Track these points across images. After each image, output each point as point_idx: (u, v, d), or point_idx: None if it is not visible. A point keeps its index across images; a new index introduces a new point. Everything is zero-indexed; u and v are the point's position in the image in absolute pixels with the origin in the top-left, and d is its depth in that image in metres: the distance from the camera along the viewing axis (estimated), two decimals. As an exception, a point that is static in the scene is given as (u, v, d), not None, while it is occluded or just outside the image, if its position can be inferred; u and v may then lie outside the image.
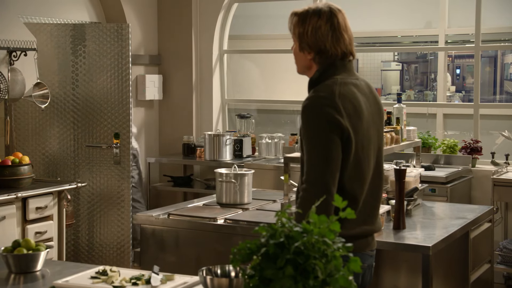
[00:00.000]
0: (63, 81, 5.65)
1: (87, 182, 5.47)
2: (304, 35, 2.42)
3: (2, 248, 2.54)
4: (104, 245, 5.60)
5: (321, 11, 2.42)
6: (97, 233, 5.67)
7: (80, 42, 5.63)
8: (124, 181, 5.57)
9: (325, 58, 2.42)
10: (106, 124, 5.62)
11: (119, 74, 5.57)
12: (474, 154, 5.52)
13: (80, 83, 5.64)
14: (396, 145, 3.82)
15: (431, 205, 3.98)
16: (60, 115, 5.65)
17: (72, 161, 5.72)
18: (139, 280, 2.26)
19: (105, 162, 5.64)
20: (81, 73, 5.65)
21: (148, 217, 3.61)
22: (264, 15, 7.44)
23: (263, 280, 1.58)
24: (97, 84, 5.62)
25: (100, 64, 5.61)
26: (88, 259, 5.67)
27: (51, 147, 5.68)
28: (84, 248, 5.71)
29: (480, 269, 3.75)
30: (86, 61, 5.64)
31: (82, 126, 5.68)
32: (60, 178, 5.56)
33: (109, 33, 5.56)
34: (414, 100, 8.14)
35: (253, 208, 3.75)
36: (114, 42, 5.55)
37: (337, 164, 2.31)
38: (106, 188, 5.65)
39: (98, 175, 5.68)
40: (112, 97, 5.59)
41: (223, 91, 6.69)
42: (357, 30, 7.71)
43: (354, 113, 2.36)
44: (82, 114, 5.65)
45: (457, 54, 8.63)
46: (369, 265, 2.51)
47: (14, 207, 4.40)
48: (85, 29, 5.63)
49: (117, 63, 5.56)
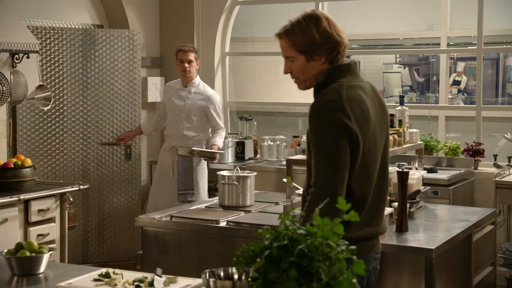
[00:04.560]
0: (72, 84, 5.78)
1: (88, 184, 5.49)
2: (311, 41, 2.38)
3: (5, 250, 2.54)
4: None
5: (304, 16, 2.41)
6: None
7: (92, 46, 5.82)
8: (133, 179, 5.99)
9: (336, 54, 2.40)
10: (116, 125, 5.95)
11: (130, 76, 5.96)
12: (477, 156, 5.51)
13: (90, 85, 5.86)
14: (398, 148, 3.81)
15: (433, 207, 3.97)
16: (69, 117, 5.76)
17: (81, 162, 5.79)
18: (142, 283, 2.26)
19: (114, 161, 5.85)
20: (93, 76, 5.86)
21: (150, 220, 3.61)
22: (266, 17, 7.44)
23: (266, 282, 1.58)
24: (107, 86, 5.92)
25: (111, 67, 5.90)
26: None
27: (54, 149, 5.68)
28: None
29: (482, 272, 3.75)
30: (97, 65, 5.86)
31: (91, 127, 5.84)
32: (63, 180, 5.57)
33: (120, 38, 5.89)
34: (416, 102, 8.14)
35: (256, 211, 3.75)
36: (126, 46, 5.92)
37: (345, 168, 2.31)
38: (115, 188, 5.94)
39: (107, 176, 5.85)
40: (123, 97, 5.98)
41: (225, 93, 6.69)
42: (359, 32, 7.76)
43: (361, 116, 2.36)
44: (92, 115, 5.88)
45: (459, 56, 8.63)
46: (374, 268, 2.50)
47: (17, 210, 4.40)
48: (96, 34, 5.83)
49: (128, 65, 5.95)
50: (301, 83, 2.50)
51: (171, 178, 5.35)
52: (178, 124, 5.37)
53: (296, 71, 2.47)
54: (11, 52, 5.15)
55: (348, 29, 7.45)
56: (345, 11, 7.17)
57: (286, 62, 2.48)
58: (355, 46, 8.04)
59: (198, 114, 5.37)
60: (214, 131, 5.42)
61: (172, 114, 5.42)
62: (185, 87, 5.42)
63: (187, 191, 5.29)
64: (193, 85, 5.42)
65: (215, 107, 5.39)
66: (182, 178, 5.29)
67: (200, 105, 5.37)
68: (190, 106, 5.36)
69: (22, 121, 5.46)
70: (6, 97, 4.98)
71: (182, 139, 5.35)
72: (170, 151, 5.40)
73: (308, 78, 2.46)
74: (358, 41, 7.95)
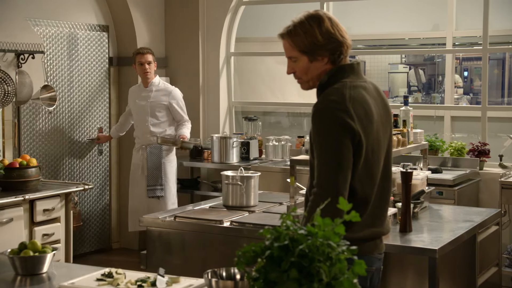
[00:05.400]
0: (76, 84, 5.76)
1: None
2: (314, 41, 2.38)
3: (9, 250, 2.55)
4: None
5: (307, 16, 2.41)
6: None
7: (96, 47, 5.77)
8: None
9: (339, 54, 2.40)
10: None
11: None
12: (482, 156, 5.49)
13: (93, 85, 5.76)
14: (402, 148, 3.80)
15: (438, 208, 3.96)
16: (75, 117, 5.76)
17: (85, 162, 5.78)
18: (145, 283, 2.27)
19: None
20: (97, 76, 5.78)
21: (154, 220, 3.61)
22: (271, 17, 7.44)
23: (267, 283, 1.58)
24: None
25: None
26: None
27: (60, 149, 5.70)
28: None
29: (487, 272, 3.74)
30: (102, 65, 5.74)
31: (96, 127, 5.82)
32: (68, 180, 5.59)
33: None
34: (421, 102, 8.12)
35: (259, 211, 3.75)
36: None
37: (348, 168, 2.30)
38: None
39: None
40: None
41: (230, 94, 6.70)
42: (365, 32, 7.75)
43: (364, 116, 2.35)
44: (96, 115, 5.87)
45: (465, 56, 8.60)
46: (377, 268, 2.50)
47: (22, 209, 4.42)
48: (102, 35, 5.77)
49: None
50: (304, 83, 2.49)
51: (143, 176, 5.56)
52: (144, 122, 5.58)
53: (299, 72, 2.46)
54: (16, 53, 5.17)
55: (354, 29, 7.46)
56: (350, 12, 7.16)
57: (289, 63, 2.48)
58: (361, 46, 8.03)
59: (162, 110, 5.57)
60: (180, 124, 5.63)
61: (137, 114, 5.65)
62: (146, 87, 5.63)
63: (156, 186, 5.52)
64: (153, 84, 5.62)
65: (177, 101, 5.60)
66: (150, 173, 5.51)
67: (163, 100, 5.57)
68: (153, 103, 5.57)
69: (28, 120, 5.47)
70: (12, 97, 5.00)
71: (150, 136, 5.54)
72: (139, 150, 5.62)
73: (311, 78, 2.46)
74: (363, 41, 7.94)
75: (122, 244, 6.46)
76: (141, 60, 5.53)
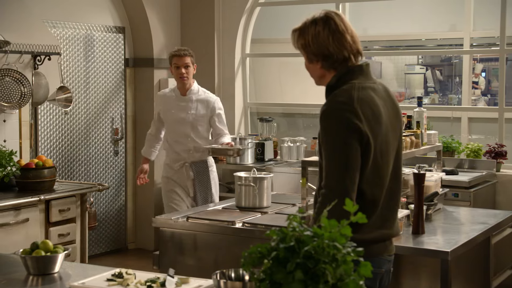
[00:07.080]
0: (92, 85, 5.80)
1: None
2: (307, 45, 2.42)
3: (21, 250, 2.57)
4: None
5: (317, 19, 2.42)
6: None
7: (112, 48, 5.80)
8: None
9: (332, 62, 2.41)
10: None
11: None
12: (499, 158, 5.44)
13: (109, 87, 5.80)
14: (416, 149, 3.78)
15: (452, 210, 3.93)
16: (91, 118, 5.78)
17: (101, 163, 5.82)
18: (154, 283, 2.28)
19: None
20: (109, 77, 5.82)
21: (167, 220, 3.62)
22: (286, 19, 7.43)
23: (273, 284, 1.57)
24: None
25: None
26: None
27: (76, 150, 5.74)
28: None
29: (502, 275, 3.70)
30: (117, 67, 5.78)
31: (112, 128, 5.84)
32: (83, 180, 5.63)
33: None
34: (438, 103, 8.06)
35: (272, 212, 3.75)
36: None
37: (356, 170, 2.30)
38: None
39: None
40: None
41: (245, 95, 6.70)
42: (381, 33, 7.70)
43: (373, 117, 2.34)
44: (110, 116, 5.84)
45: (482, 57, 8.52)
46: (387, 270, 2.48)
47: (38, 210, 4.46)
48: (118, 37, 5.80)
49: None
50: (313, 79, 2.53)
51: (186, 195, 4.90)
52: (185, 136, 4.86)
53: (306, 67, 2.52)
54: (33, 54, 5.21)
55: (370, 30, 7.42)
56: (367, 12, 7.13)
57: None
58: (377, 47, 7.99)
59: (204, 124, 4.89)
60: (220, 136, 4.89)
61: (175, 127, 4.88)
62: (184, 95, 4.89)
63: (207, 204, 4.76)
64: (192, 92, 4.89)
65: (220, 113, 4.93)
66: (200, 194, 4.87)
67: (204, 112, 4.88)
68: (195, 116, 4.86)
69: (45, 121, 5.52)
70: (28, 99, 5.05)
71: (194, 152, 4.87)
72: (182, 167, 4.90)
73: (313, 77, 2.50)
74: (380, 42, 7.90)
75: (138, 244, 6.49)
76: (178, 63, 4.80)
